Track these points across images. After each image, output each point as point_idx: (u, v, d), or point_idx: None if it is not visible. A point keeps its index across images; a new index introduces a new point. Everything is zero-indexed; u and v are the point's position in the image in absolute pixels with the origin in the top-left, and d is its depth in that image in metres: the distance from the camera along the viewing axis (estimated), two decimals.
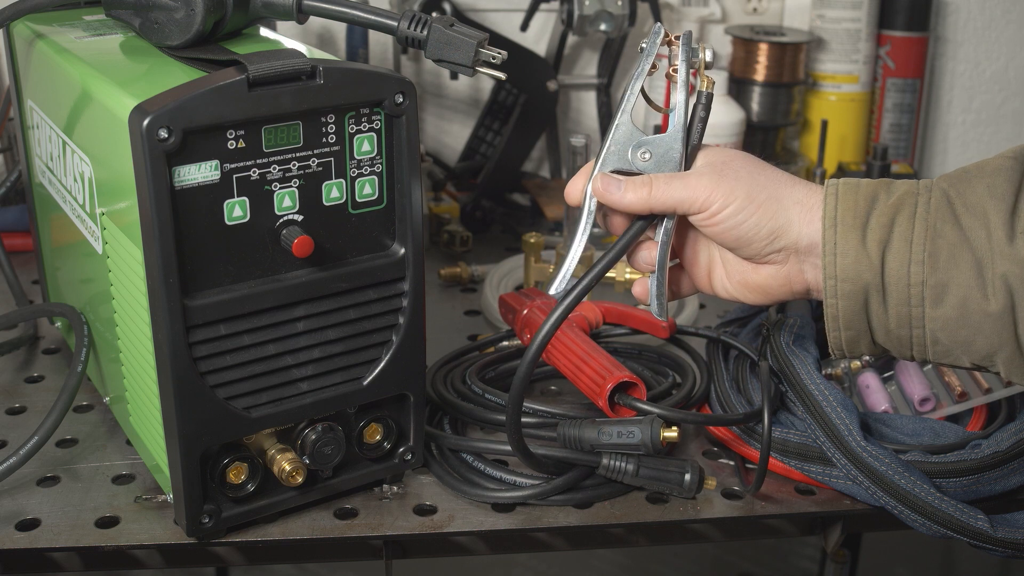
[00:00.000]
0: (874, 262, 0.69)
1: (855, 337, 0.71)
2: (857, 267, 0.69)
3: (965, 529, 0.76)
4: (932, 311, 0.68)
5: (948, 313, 0.68)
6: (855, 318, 0.70)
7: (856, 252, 0.69)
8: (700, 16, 1.45)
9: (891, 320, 0.70)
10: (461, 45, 0.76)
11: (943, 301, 0.68)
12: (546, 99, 1.35)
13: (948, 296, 0.67)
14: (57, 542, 0.76)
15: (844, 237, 0.69)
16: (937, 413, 0.89)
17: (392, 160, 0.75)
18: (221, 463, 0.75)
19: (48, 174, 0.91)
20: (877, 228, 0.69)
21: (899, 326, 0.70)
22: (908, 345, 0.70)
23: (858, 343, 0.72)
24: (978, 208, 0.67)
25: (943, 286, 0.67)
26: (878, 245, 0.69)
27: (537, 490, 0.80)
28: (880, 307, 0.70)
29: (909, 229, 0.68)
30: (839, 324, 0.71)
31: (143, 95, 0.67)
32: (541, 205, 1.35)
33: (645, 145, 0.74)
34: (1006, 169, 0.68)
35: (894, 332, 0.70)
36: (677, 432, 0.80)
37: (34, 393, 0.95)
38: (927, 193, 0.70)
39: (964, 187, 0.69)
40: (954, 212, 0.68)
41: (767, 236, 0.72)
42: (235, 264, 0.71)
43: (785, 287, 0.74)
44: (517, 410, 0.77)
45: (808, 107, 1.49)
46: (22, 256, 1.18)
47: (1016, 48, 1.56)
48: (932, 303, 0.68)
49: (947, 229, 0.68)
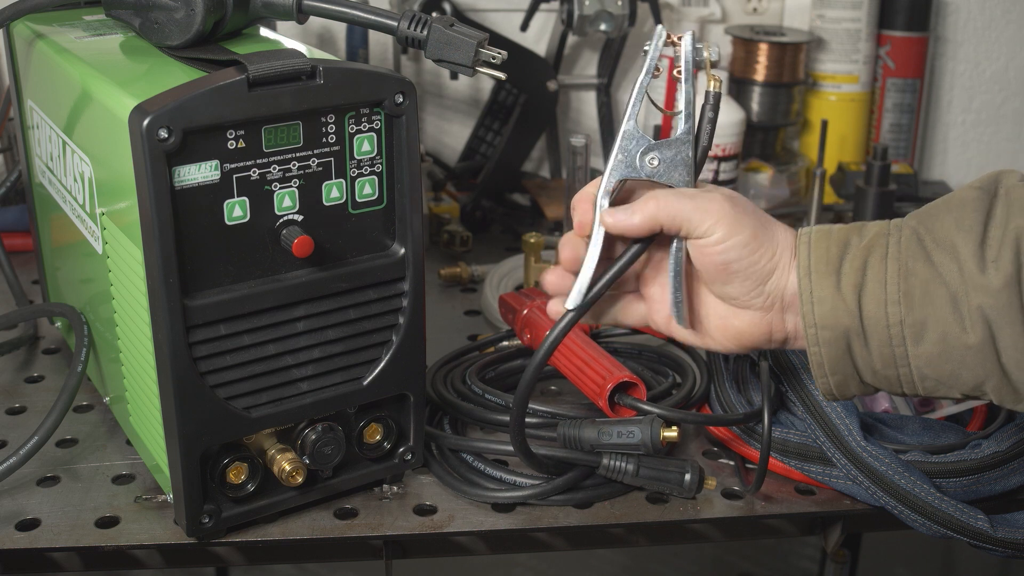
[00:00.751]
0: (851, 306, 0.68)
1: (843, 381, 0.71)
2: (835, 313, 0.69)
3: (965, 529, 0.76)
4: (914, 349, 0.68)
5: (930, 350, 0.67)
6: (839, 363, 0.70)
7: (832, 298, 0.69)
8: (700, 16, 1.45)
9: (876, 361, 0.69)
10: (461, 45, 0.76)
11: (923, 338, 0.67)
12: (546, 99, 1.35)
13: (927, 333, 0.67)
14: (57, 542, 0.76)
15: (819, 284, 0.69)
16: (937, 413, 0.89)
17: (392, 160, 0.75)
18: (221, 463, 0.75)
19: (48, 174, 0.91)
20: (851, 272, 0.69)
21: (885, 366, 0.69)
22: (897, 383, 0.70)
23: (847, 386, 0.71)
24: (947, 242, 0.67)
25: (921, 324, 0.67)
26: (853, 289, 0.68)
27: (537, 490, 0.80)
28: (863, 350, 0.69)
29: (882, 270, 0.68)
30: (825, 371, 0.71)
31: (143, 95, 0.67)
32: (541, 205, 1.35)
33: (653, 150, 0.72)
34: (972, 200, 0.68)
35: (881, 372, 0.70)
36: (677, 432, 0.80)
37: (34, 393, 0.95)
38: (897, 232, 0.69)
39: (932, 223, 0.69)
40: (924, 249, 0.68)
41: (762, 276, 0.71)
42: (235, 264, 0.71)
43: (764, 336, 0.73)
44: (521, 415, 0.77)
45: (808, 107, 1.49)
46: (22, 256, 1.18)
47: (1016, 48, 1.56)
48: (913, 341, 0.68)
49: (919, 267, 0.67)
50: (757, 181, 1.40)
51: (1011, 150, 1.60)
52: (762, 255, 0.70)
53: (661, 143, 0.72)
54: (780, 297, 0.71)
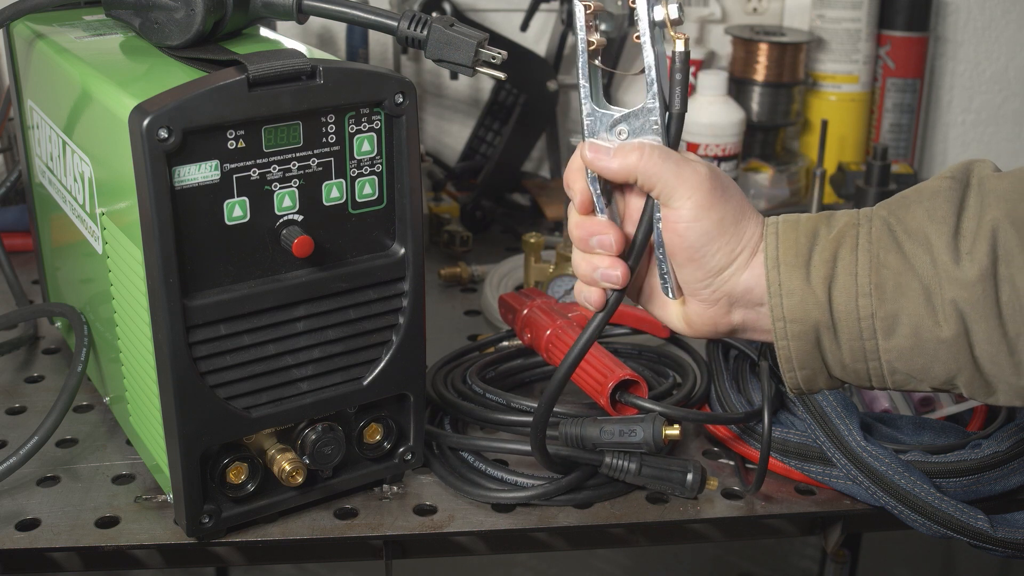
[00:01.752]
0: (821, 299, 0.66)
1: (811, 376, 0.69)
2: (804, 306, 0.67)
3: (965, 529, 0.76)
4: (885, 343, 0.66)
5: (902, 343, 0.66)
6: (808, 357, 0.68)
7: (802, 291, 0.66)
8: (700, 16, 1.45)
9: (845, 355, 0.68)
10: (461, 45, 0.76)
11: (895, 332, 0.66)
12: (546, 99, 1.35)
13: (900, 326, 0.66)
14: (57, 542, 0.76)
15: (788, 276, 0.67)
16: (937, 413, 0.89)
17: (392, 160, 0.75)
18: (221, 463, 0.75)
19: (48, 174, 0.91)
20: (820, 264, 0.67)
21: (854, 360, 0.68)
22: (866, 377, 0.68)
23: (815, 380, 0.70)
24: (919, 233, 0.65)
25: (893, 317, 0.65)
26: (823, 281, 0.66)
27: (541, 490, 0.80)
28: (832, 343, 0.67)
29: (853, 262, 0.66)
30: (793, 365, 0.68)
31: (143, 95, 0.67)
32: (541, 205, 1.35)
33: (621, 123, 0.68)
34: (944, 190, 0.66)
35: (850, 367, 0.68)
36: (679, 430, 0.80)
37: (34, 393, 0.95)
38: (868, 223, 0.67)
39: (904, 213, 0.67)
40: (896, 240, 0.66)
41: (714, 269, 0.68)
42: (235, 264, 0.71)
43: (709, 326, 0.71)
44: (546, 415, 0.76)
45: (808, 107, 1.49)
46: (22, 256, 1.18)
47: (1016, 48, 1.56)
48: (884, 335, 0.66)
49: (891, 258, 0.65)
50: (757, 181, 1.40)
51: (1011, 150, 1.60)
52: (719, 248, 0.68)
53: (628, 113, 0.68)
54: (728, 293, 0.69)
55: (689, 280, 0.69)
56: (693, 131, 1.32)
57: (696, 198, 0.67)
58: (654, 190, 0.68)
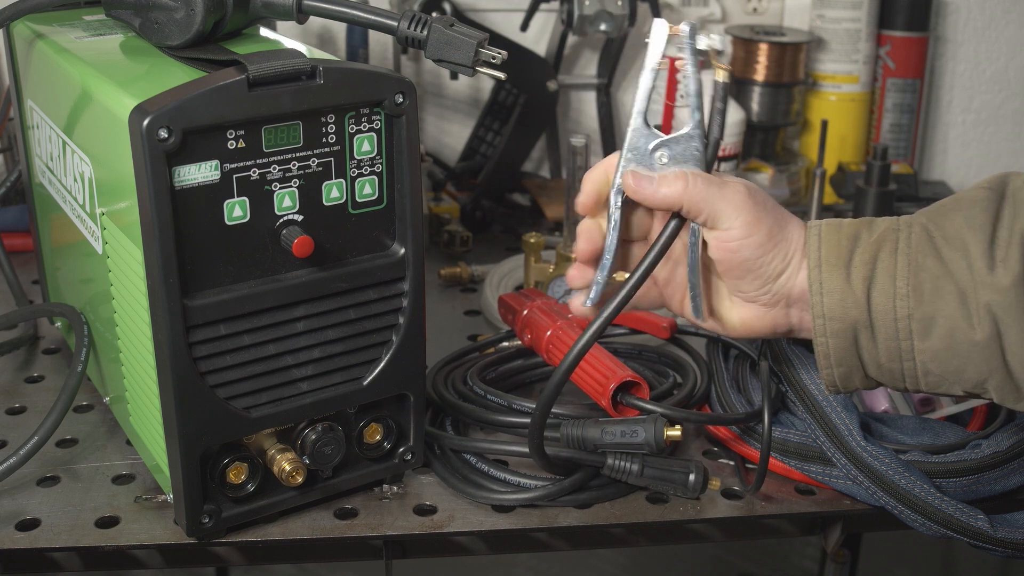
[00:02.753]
0: (860, 299, 0.69)
1: (847, 373, 0.72)
2: (844, 305, 0.69)
3: (965, 529, 0.76)
4: (920, 343, 0.69)
5: (936, 345, 0.68)
6: (846, 355, 0.71)
7: (842, 290, 0.69)
8: (700, 16, 1.46)
9: (881, 355, 0.70)
10: (461, 45, 0.76)
11: (930, 333, 0.68)
12: (546, 99, 1.35)
13: (935, 328, 0.68)
14: (57, 542, 0.76)
15: (829, 276, 0.70)
16: (937, 413, 0.89)
17: (392, 160, 0.75)
18: (221, 463, 0.75)
19: (48, 174, 0.91)
20: (861, 265, 0.70)
21: (890, 360, 0.70)
22: (900, 378, 0.71)
23: (851, 378, 0.72)
24: (957, 240, 0.68)
25: (929, 318, 0.68)
26: (863, 282, 0.69)
27: (544, 492, 0.80)
28: (870, 343, 0.70)
29: (892, 264, 0.69)
30: (831, 362, 0.71)
31: (143, 95, 0.67)
32: (541, 205, 1.35)
33: (663, 147, 0.71)
34: (982, 200, 0.69)
35: (885, 366, 0.71)
36: (680, 431, 0.80)
37: (34, 393, 0.95)
38: (907, 228, 0.70)
39: (943, 220, 0.70)
40: (934, 245, 0.69)
41: (772, 276, 0.71)
42: (235, 264, 0.71)
43: (768, 329, 0.74)
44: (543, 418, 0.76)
45: (808, 107, 1.49)
46: (22, 256, 1.18)
47: (1016, 48, 1.56)
48: (920, 336, 0.69)
49: (929, 262, 0.68)
50: (757, 181, 1.40)
51: (1011, 150, 1.60)
52: (775, 255, 0.71)
53: (670, 139, 0.71)
54: (787, 295, 0.72)
55: (748, 290, 0.72)
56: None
57: (744, 216, 0.70)
58: (701, 216, 0.71)
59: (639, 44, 1.48)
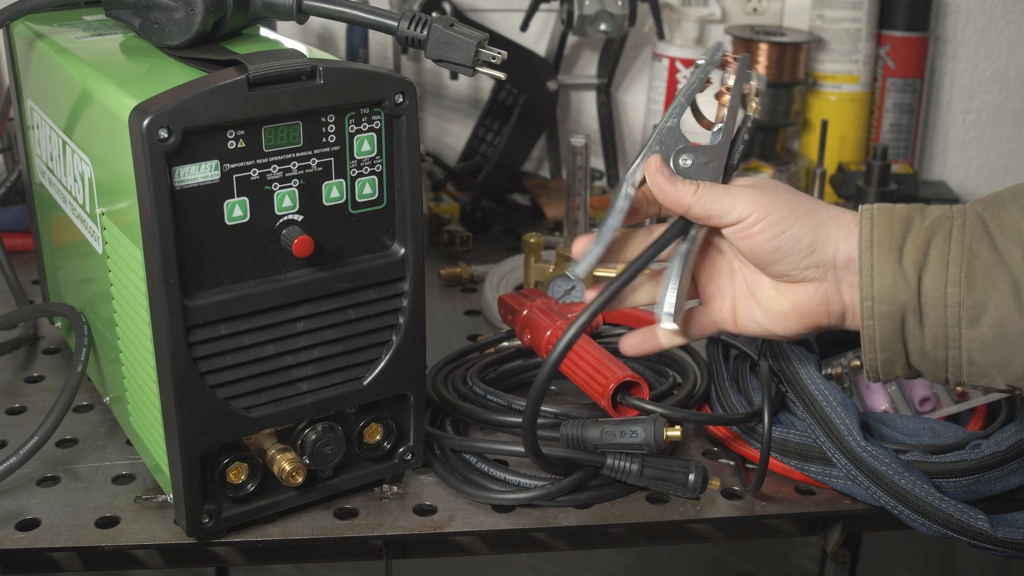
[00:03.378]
0: (911, 283, 0.69)
1: (890, 359, 0.71)
2: (894, 288, 0.69)
3: (965, 529, 0.76)
4: (969, 331, 0.68)
5: (985, 333, 0.68)
6: (891, 340, 0.71)
7: (893, 273, 0.69)
8: (700, 16, 1.45)
9: (927, 341, 0.70)
10: (461, 45, 0.76)
11: (980, 321, 0.68)
12: (546, 99, 1.35)
13: (985, 316, 0.68)
14: (57, 542, 0.76)
15: (881, 259, 0.70)
16: (937, 413, 0.89)
17: (392, 160, 0.75)
18: (221, 463, 0.75)
19: (48, 174, 0.91)
20: (913, 250, 0.69)
21: (935, 347, 0.70)
22: (944, 367, 0.70)
23: (893, 365, 0.72)
24: (1013, 230, 0.68)
25: (980, 306, 0.68)
26: (915, 267, 0.69)
27: (544, 491, 0.80)
28: (917, 328, 0.70)
29: (945, 251, 0.69)
30: (875, 345, 0.71)
31: (143, 95, 0.67)
32: (541, 205, 1.35)
33: (689, 152, 0.75)
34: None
35: (930, 353, 0.70)
36: (680, 431, 0.81)
37: (34, 393, 0.95)
38: (961, 216, 0.70)
39: (998, 210, 0.69)
40: (989, 234, 0.68)
41: (807, 247, 0.72)
42: (235, 264, 0.71)
43: (823, 307, 0.73)
44: (534, 414, 0.76)
45: (808, 107, 1.49)
46: (22, 256, 1.18)
47: (1016, 48, 1.56)
48: (969, 324, 0.68)
49: (983, 250, 0.68)
50: None
51: (1011, 150, 1.60)
52: (802, 227, 0.71)
53: (698, 148, 0.75)
54: (832, 265, 0.72)
55: (791, 268, 0.72)
56: (693, 131, 1.32)
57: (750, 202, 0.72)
58: (710, 219, 0.73)
59: (639, 44, 1.48)
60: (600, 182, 1.44)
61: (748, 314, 0.76)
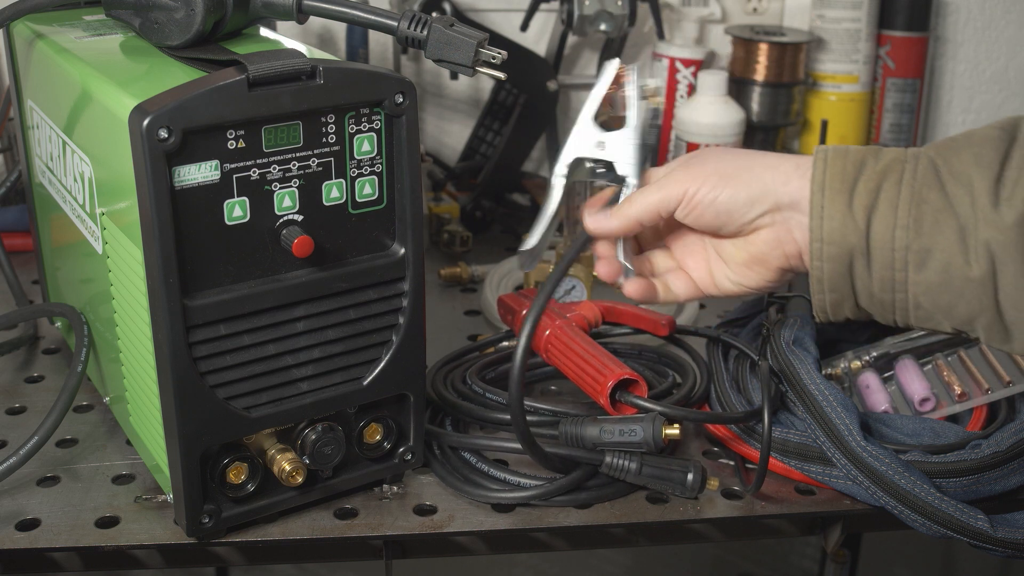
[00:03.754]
0: (860, 226, 0.70)
1: (839, 300, 0.73)
2: (843, 230, 0.70)
3: (965, 529, 0.76)
4: (915, 275, 0.69)
5: (931, 278, 0.69)
6: (840, 281, 0.72)
7: (843, 216, 0.70)
8: (700, 16, 1.45)
9: (875, 284, 0.71)
10: (461, 45, 0.76)
11: (926, 266, 0.69)
12: (546, 99, 1.35)
13: (931, 261, 0.69)
14: (57, 542, 0.76)
15: (831, 201, 0.71)
16: (937, 413, 0.89)
17: (392, 160, 0.75)
18: (221, 463, 0.75)
19: (48, 174, 0.91)
20: (864, 193, 0.70)
21: (882, 290, 0.71)
22: (891, 309, 0.72)
23: (842, 306, 0.73)
24: (963, 175, 0.68)
25: (927, 251, 0.69)
26: (864, 210, 0.70)
27: (541, 490, 0.80)
28: (864, 271, 0.71)
29: (895, 195, 0.70)
30: (824, 287, 0.72)
31: (143, 95, 0.67)
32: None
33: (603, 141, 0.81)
34: (993, 139, 0.69)
35: (877, 296, 0.71)
36: (679, 430, 0.81)
37: (34, 393, 0.95)
38: (914, 160, 0.71)
39: (951, 155, 0.70)
40: (940, 179, 0.69)
41: (745, 203, 0.74)
42: (235, 264, 0.71)
43: (777, 250, 0.75)
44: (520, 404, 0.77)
45: (808, 107, 1.49)
46: (22, 256, 1.18)
47: (1016, 48, 1.56)
48: (915, 268, 0.69)
49: (932, 195, 0.69)
50: None
51: None
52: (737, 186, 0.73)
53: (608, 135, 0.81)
54: (778, 208, 0.73)
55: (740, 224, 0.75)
56: (693, 131, 1.32)
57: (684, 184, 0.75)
58: (660, 214, 0.76)
59: (639, 44, 1.48)
60: None
61: (722, 274, 0.79)
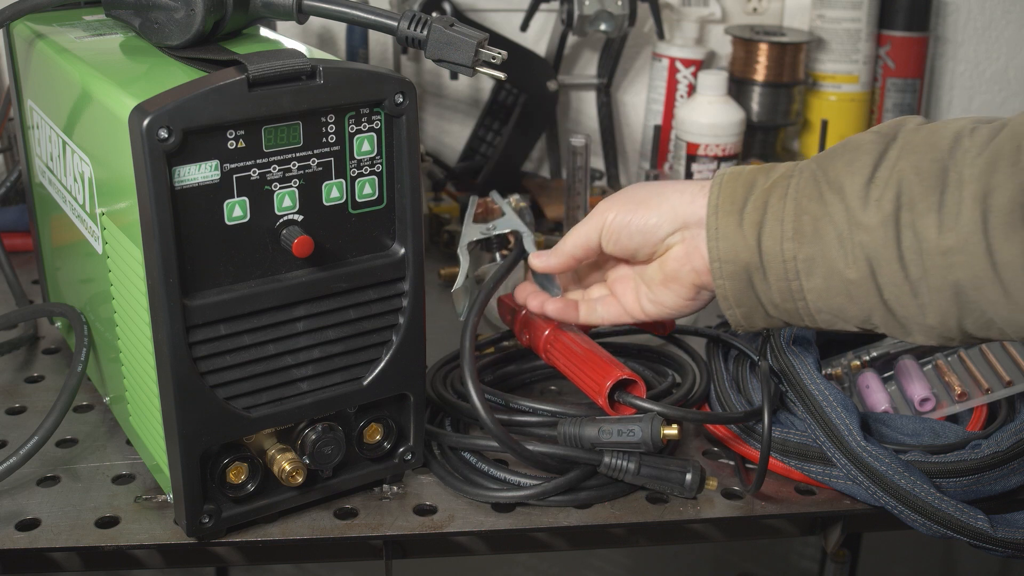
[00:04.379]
0: (750, 243, 0.74)
1: (748, 313, 0.77)
2: (735, 249, 0.74)
3: (965, 529, 0.76)
4: (807, 283, 0.73)
5: (819, 284, 0.72)
6: (743, 296, 0.76)
7: (734, 234, 0.74)
8: (700, 16, 1.45)
9: (775, 295, 0.74)
10: (461, 45, 0.76)
11: (813, 273, 0.72)
12: (546, 99, 1.35)
13: (816, 268, 0.72)
14: (57, 542, 0.76)
15: (724, 221, 0.75)
16: (937, 413, 0.89)
17: (392, 160, 0.75)
18: (221, 463, 0.75)
19: (48, 174, 0.91)
20: (753, 211, 0.74)
21: (783, 300, 0.74)
22: (797, 316, 0.75)
23: (753, 318, 0.77)
24: (837, 182, 0.71)
25: (811, 259, 0.72)
26: (754, 227, 0.74)
27: (538, 490, 0.80)
28: (763, 283, 0.74)
29: (780, 209, 0.73)
30: (730, 303, 0.76)
31: (143, 95, 0.67)
32: (541, 205, 1.35)
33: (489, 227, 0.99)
34: (867, 143, 0.72)
35: (781, 305, 0.75)
36: (678, 430, 0.81)
37: (34, 393, 0.95)
38: (799, 174, 0.74)
39: (828, 164, 0.73)
40: (819, 189, 0.72)
41: (655, 225, 0.78)
42: (235, 264, 0.71)
43: (686, 266, 0.78)
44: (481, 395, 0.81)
45: (808, 107, 1.49)
46: (22, 256, 1.18)
47: (1016, 48, 1.56)
48: (805, 276, 0.73)
49: (812, 206, 0.72)
50: None
51: None
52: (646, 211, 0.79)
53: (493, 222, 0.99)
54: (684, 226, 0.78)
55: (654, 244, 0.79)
56: (693, 131, 1.32)
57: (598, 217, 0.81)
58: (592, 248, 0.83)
59: (639, 44, 1.48)
60: (600, 182, 1.44)
61: (645, 297, 0.83)
